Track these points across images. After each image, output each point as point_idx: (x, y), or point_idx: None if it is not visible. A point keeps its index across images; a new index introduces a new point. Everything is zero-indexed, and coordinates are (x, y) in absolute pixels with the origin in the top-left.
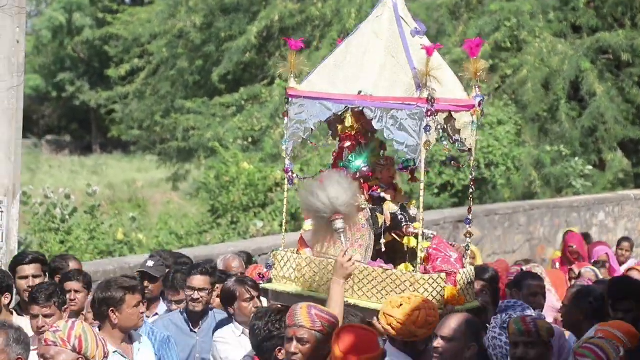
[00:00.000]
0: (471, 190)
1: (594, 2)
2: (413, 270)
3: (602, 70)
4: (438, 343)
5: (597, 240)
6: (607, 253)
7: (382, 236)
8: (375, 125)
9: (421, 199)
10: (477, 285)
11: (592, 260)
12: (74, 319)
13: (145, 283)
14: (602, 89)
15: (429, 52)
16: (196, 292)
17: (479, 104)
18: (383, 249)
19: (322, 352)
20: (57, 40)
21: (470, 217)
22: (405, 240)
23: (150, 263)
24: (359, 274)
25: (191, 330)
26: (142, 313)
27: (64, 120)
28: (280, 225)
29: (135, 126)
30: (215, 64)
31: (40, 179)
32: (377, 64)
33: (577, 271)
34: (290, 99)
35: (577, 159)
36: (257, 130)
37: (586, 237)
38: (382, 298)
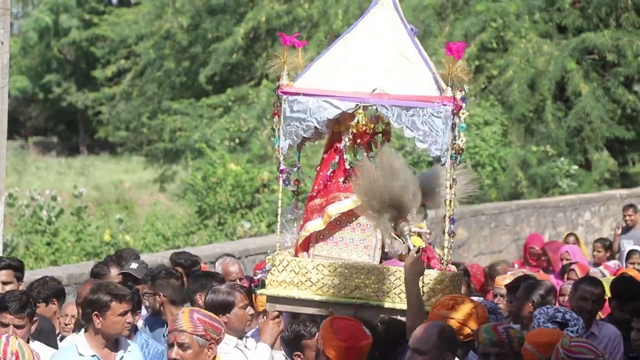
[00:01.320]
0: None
1: (579, 3)
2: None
3: (587, 70)
4: (409, 356)
5: (554, 240)
6: (567, 251)
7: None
8: (394, 124)
9: (448, 197)
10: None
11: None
12: (7, 334)
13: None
14: (588, 89)
15: (453, 52)
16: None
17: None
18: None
19: (206, 357)
20: (44, 41)
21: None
22: (412, 240)
23: (134, 265)
24: (375, 274)
25: None
26: (128, 323)
27: (50, 121)
28: (268, 226)
29: (122, 127)
30: (202, 65)
31: (27, 180)
32: (384, 62)
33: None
34: (284, 97)
35: (563, 159)
36: (244, 131)
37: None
38: (404, 297)
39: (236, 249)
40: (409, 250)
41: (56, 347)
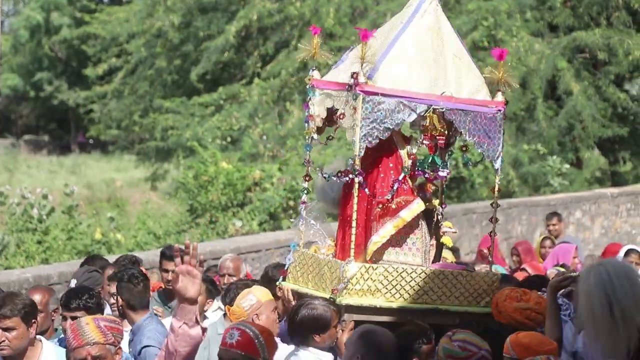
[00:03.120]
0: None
1: (570, 2)
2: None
3: (578, 69)
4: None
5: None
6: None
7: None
8: (458, 127)
9: (496, 194)
10: None
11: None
12: None
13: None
14: (579, 88)
15: (501, 57)
16: None
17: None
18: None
19: None
20: (35, 39)
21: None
22: (443, 239)
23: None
24: (441, 278)
25: None
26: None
27: (42, 119)
28: (260, 224)
29: (113, 126)
30: (193, 63)
31: (18, 179)
32: (446, 64)
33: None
34: (363, 96)
35: (554, 157)
36: (235, 129)
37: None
38: (463, 300)
39: (227, 247)
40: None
41: None
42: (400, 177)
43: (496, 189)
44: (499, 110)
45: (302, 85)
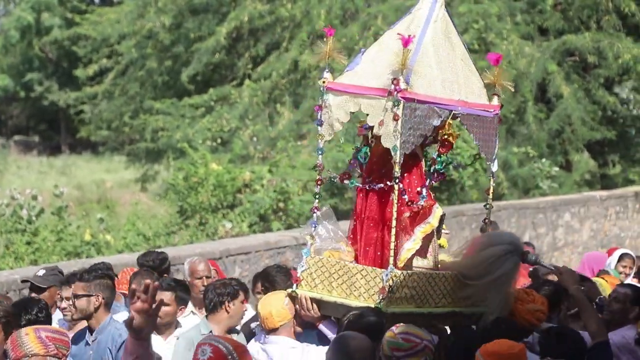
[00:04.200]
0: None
1: (561, 5)
2: None
3: (568, 72)
4: None
5: None
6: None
7: None
8: (469, 131)
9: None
10: None
11: None
12: None
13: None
14: (569, 91)
15: (497, 61)
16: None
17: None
18: None
19: None
20: (25, 40)
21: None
22: (440, 241)
23: (41, 272)
24: (450, 281)
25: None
26: None
27: (32, 120)
28: (250, 226)
29: (104, 127)
30: (184, 64)
31: (8, 179)
32: (457, 68)
33: None
34: (404, 103)
35: (544, 160)
36: (226, 131)
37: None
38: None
39: (217, 249)
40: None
41: None
42: (427, 183)
43: (490, 190)
44: (497, 114)
45: (293, 86)
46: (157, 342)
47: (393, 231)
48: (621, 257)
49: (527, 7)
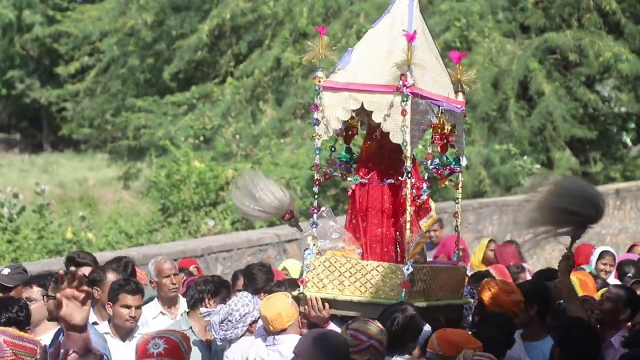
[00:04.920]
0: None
1: (542, 3)
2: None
3: (550, 69)
4: None
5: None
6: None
7: None
8: (448, 126)
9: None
10: None
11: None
12: None
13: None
14: (550, 89)
15: (459, 59)
16: None
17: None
18: None
19: None
20: (7, 37)
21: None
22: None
23: (5, 271)
24: (440, 274)
25: None
26: None
27: (13, 118)
28: (232, 224)
29: (86, 124)
30: (166, 62)
31: None
32: (435, 66)
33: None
34: (412, 98)
35: (525, 157)
36: (208, 128)
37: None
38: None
39: (199, 246)
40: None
41: None
42: (426, 178)
43: (460, 185)
44: (462, 110)
45: (275, 84)
46: (117, 346)
47: (407, 225)
48: (601, 255)
49: (508, 5)
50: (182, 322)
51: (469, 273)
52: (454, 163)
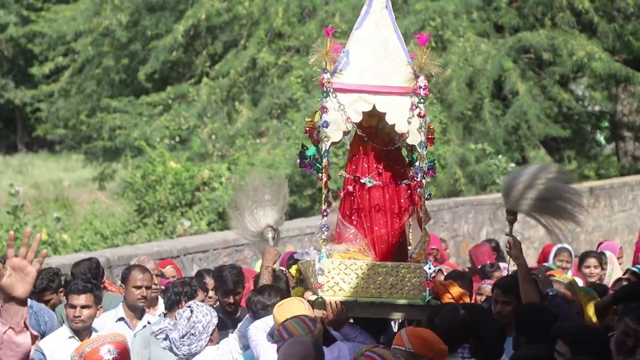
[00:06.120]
0: None
1: (516, 2)
2: None
3: (524, 69)
4: None
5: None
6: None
7: None
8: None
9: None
10: None
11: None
12: None
13: None
14: (525, 88)
15: (425, 41)
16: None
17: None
18: None
19: None
20: None
21: None
22: None
23: None
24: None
25: None
26: None
27: None
28: (209, 224)
29: (61, 125)
30: (141, 62)
31: None
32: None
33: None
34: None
35: (500, 156)
36: (184, 129)
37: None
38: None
39: (175, 247)
40: None
41: None
42: (419, 178)
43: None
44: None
45: (251, 84)
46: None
47: (424, 224)
48: (558, 252)
49: (482, 5)
50: (159, 324)
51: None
52: (432, 164)
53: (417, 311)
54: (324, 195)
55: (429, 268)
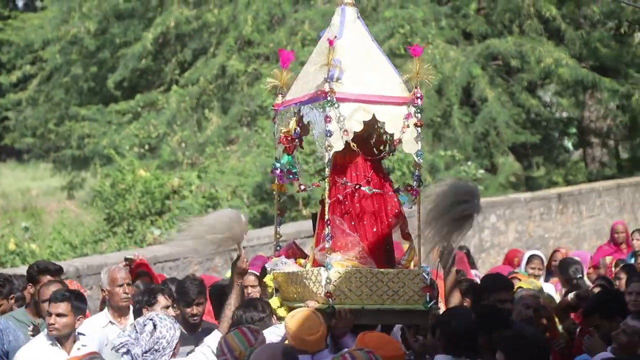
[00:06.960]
0: None
1: (484, 9)
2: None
3: (492, 76)
4: None
5: None
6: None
7: None
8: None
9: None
10: None
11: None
12: None
13: None
14: (493, 95)
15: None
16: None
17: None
18: None
19: None
20: None
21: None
22: None
23: None
24: None
25: None
26: None
27: None
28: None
29: (28, 134)
30: (110, 70)
31: None
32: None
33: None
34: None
35: (469, 163)
36: (153, 137)
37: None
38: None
39: (145, 256)
40: None
41: None
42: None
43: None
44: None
45: (221, 92)
46: (58, 355)
47: (418, 232)
48: (530, 259)
49: (451, 12)
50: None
51: None
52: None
53: (418, 317)
54: (327, 204)
55: (428, 274)
